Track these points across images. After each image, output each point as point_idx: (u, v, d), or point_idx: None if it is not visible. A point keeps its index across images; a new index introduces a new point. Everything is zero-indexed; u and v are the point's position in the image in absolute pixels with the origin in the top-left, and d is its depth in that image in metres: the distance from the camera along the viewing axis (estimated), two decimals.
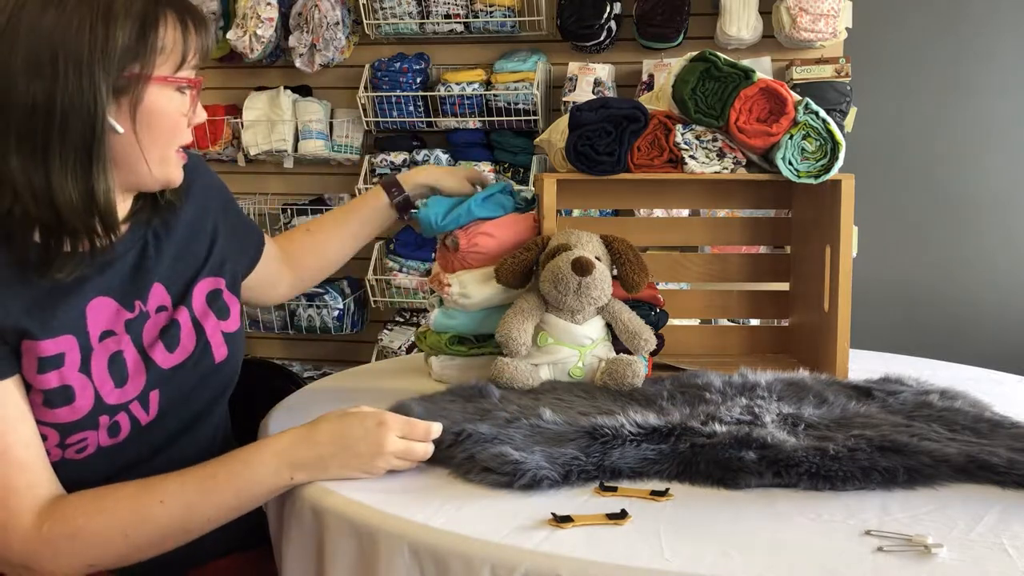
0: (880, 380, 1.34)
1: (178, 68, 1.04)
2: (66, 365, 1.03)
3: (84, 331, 1.06)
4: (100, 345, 1.07)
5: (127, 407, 1.09)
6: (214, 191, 1.27)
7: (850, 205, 1.44)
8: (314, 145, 3.21)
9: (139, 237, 1.14)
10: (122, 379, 1.08)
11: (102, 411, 1.06)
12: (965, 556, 0.79)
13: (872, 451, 0.99)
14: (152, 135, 1.04)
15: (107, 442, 1.08)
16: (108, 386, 1.07)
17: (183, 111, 1.07)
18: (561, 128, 1.51)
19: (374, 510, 0.90)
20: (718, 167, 1.45)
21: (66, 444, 1.05)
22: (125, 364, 1.09)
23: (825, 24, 2.80)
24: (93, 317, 1.07)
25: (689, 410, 1.17)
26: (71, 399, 1.04)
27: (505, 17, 3.04)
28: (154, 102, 1.03)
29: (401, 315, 3.30)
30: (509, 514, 0.88)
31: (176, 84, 1.05)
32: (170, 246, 1.16)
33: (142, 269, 1.13)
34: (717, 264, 1.72)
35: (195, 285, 1.18)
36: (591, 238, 1.37)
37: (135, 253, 1.13)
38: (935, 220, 3.44)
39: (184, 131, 1.09)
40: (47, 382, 1.02)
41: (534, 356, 1.33)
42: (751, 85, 1.42)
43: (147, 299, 1.12)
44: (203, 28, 1.07)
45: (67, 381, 1.03)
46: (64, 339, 1.04)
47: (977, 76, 3.38)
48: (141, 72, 1.01)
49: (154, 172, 1.06)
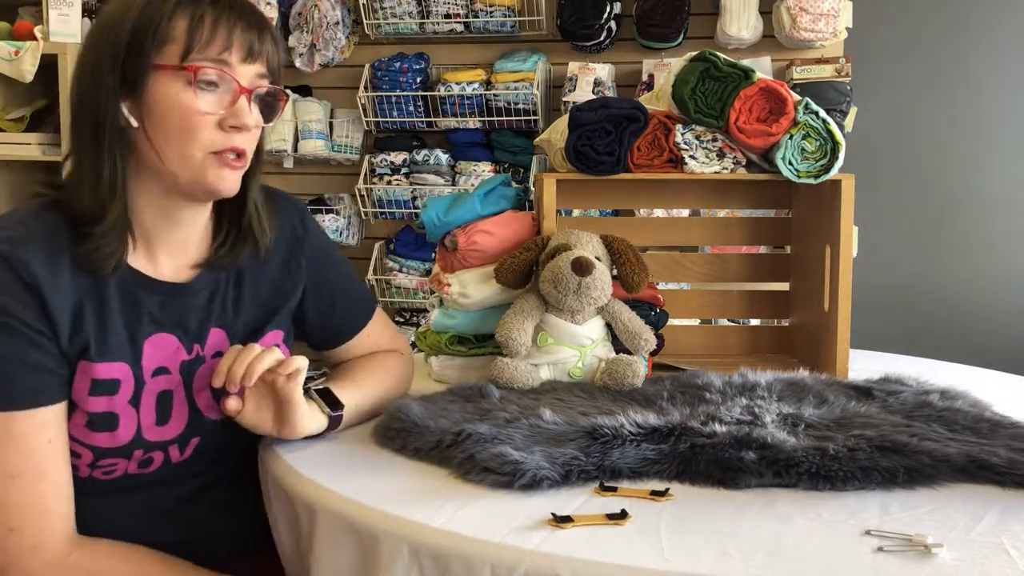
0: (880, 380, 1.34)
1: (184, 57, 1.00)
2: (119, 393, 1.03)
3: (139, 364, 1.05)
4: (152, 380, 1.06)
5: (165, 446, 1.09)
6: (310, 248, 1.21)
7: (850, 205, 1.44)
8: (314, 145, 3.21)
9: (213, 280, 1.12)
10: (165, 418, 1.08)
11: (139, 445, 1.06)
12: (965, 556, 0.79)
13: (872, 451, 0.99)
14: (164, 130, 1.01)
15: (135, 471, 1.09)
16: (150, 422, 1.07)
17: (201, 108, 1.01)
18: (561, 128, 1.51)
19: (374, 510, 0.89)
20: (718, 167, 1.45)
21: (96, 465, 1.06)
22: (171, 405, 1.08)
23: (825, 24, 2.80)
24: (150, 352, 1.06)
25: (689, 410, 1.17)
26: (114, 427, 1.04)
27: (505, 17, 3.03)
28: (158, 92, 1.00)
29: (401, 315, 3.30)
30: (509, 514, 0.88)
31: (183, 74, 1.00)
32: (243, 294, 1.14)
33: (209, 312, 1.11)
34: (717, 264, 1.72)
35: (261, 336, 1.15)
36: (591, 238, 1.37)
37: (206, 294, 1.11)
38: (935, 220, 3.44)
39: (208, 131, 1.02)
40: (96, 405, 1.02)
41: (534, 356, 1.33)
42: (751, 85, 1.42)
43: (205, 343, 1.11)
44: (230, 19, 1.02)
45: (115, 409, 1.03)
46: (118, 366, 1.03)
47: (977, 75, 3.38)
48: (143, 61, 1.00)
49: (178, 173, 1.02)
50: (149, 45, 1.00)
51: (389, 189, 3.19)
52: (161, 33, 1.00)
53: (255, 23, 1.04)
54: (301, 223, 1.21)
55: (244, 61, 1.03)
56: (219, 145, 1.03)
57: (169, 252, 1.10)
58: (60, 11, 3.08)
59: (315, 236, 1.23)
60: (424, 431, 1.07)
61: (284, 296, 1.19)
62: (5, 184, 3.26)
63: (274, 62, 1.08)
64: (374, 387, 1.22)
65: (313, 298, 1.23)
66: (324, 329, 1.26)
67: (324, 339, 1.28)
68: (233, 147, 1.03)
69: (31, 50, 3.05)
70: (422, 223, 1.47)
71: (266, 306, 1.17)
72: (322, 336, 1.27)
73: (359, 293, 1.30)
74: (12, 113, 3.24)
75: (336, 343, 1.28)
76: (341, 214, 3.25)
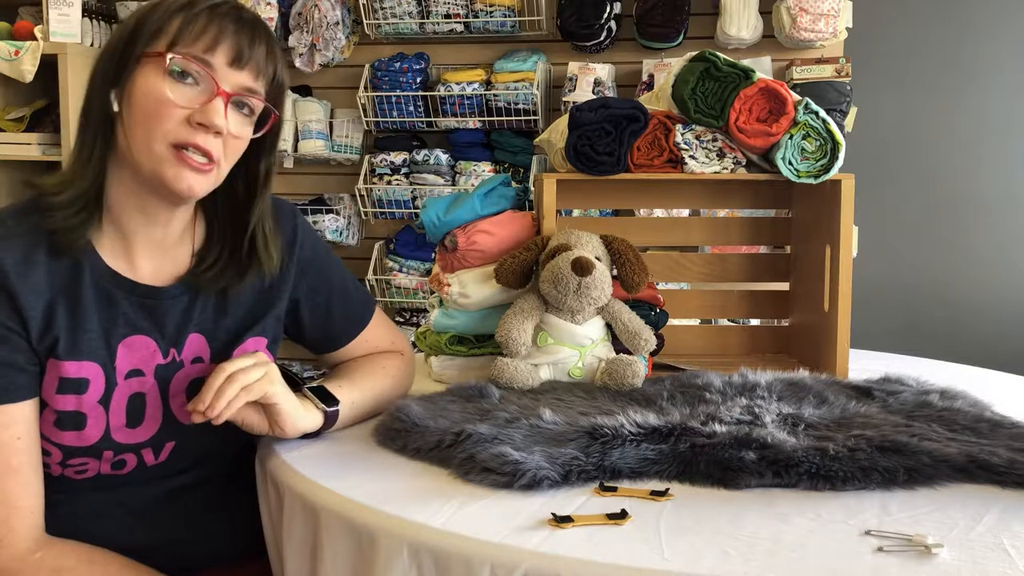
0: (880, 380, 1.34)
1: (169, 48, 1.00)
2: (88, 393, 1.03)
3: (112, 364, 1.05)
4: (124, 382, 1.06)
5: (137, 449, 1.09)
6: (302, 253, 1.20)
7: (850, 205, 1.44)
8: (314, 145, 3.21)
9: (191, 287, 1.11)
10: (136, 421, 1.07)
11: (108, 446, 1.06)
12: (965, 556, 0.79)
13: (872, 451, 0.99)
14: (134, 115, 1.01)
15: (108, 472, 1.09)
16: (120, 424, 1.06)
17: (170, 97, 0.99)
18: (561, 128, 1.51)
19: (373, 510, 0.89)
20: (718, 167, 1.45)
21: (67, 464, 1.06)
22: (144, 408, 1.08)
23: (825, 24, 2.80)
24: (124, 353, 1.06)
25: (689, 410, 1.17)
26: (81, 427, 1.03)
27: (505, 17, 3.04)
28: (139, 79, 1.01)
29: (401, 315, 3.30)
30: (509, 514, 0.87)
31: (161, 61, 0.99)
32: (227, 299, 1.13)
33: (188, 317, 1.10)
34: (717, 264, 1.72)
35: (242, 342, 1.14)
36: (591, 238, 1.37)
37: (186, 299, 1.10)
38: (935, 220, 3.44)
39: (174, 122, 1.00)
40: (63, 404, 1.02)
41: (534, 356, 1.33)
42: (751, 85, 1.42)
43: (182, 348, 1.10)
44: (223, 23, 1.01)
45: (82, 408, 1.03)
46: (88, 365, 1.03)
47: (977, 75, 3.38)
48: (136, 50, 1.01)
49: (142, 163, 1.01)
50: (144, 36, 1.01)
51: (389, 189, 3.19)
52: (156, 26, 1.01)
53: (252, 32, 1.03)
54: (292, 230, 1.19)
55: (230, 65, 1.02)
56: (182, 138, 1.00)
57: (147, 253, 1.08)
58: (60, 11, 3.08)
59: (308, 241, 1.21)
60: (424, 431, 1.07)
61: (271, 301, 1.17)
62: (5, 184, 3.26)
63: (268, 76, 1.05)
64: (371, 386, 1.21)
65: (309, 304, 1.21)
66: (323, 334, 1.25)
67: (323, 344, 1.27)
68: (195, 142, 1.00)
69: (31, 50, 3.05)
70: (422, 223, 1.47)
71: (251, 312, 1.15)
72: (321, 341, 1.26)
73: (356, 296, 1.28)
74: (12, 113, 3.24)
75: (335, 347, 1.27)
76: (341, 214, 3.25)
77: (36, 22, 3.19)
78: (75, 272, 1.03)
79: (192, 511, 1.15)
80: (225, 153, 1.03)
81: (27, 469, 0.99)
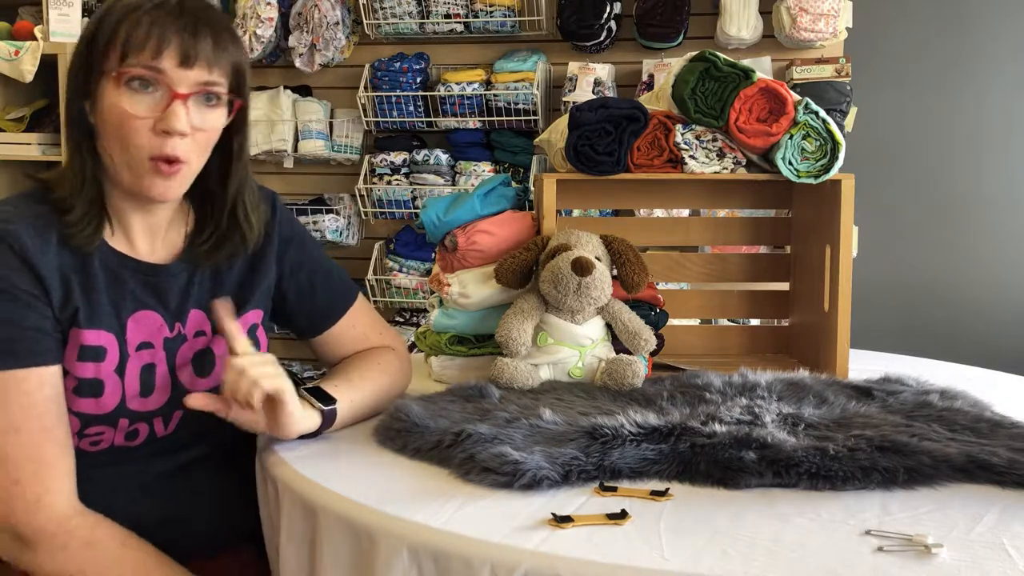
0: (880, 380, 1.34)
1: (121, 62, 1.01)
2: (105, 361, 1.07)
3: (123, 337, 1.09)
4: (136, 353, 1.10)
5: (149, 418, 1.12)
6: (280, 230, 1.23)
7: (850, 205, 1.44)
8: (314, 145, 3.21)
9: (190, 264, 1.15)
10: (149, 390, 1.11)
11: (124, 414, 1.09)
12: (965, 556, 0.79)
13: (872, 451, 0.99)
14: (107, 134, 1.04)
15: (122, 443, 1.12)
16: (134, 392, 1.10)
17: (131, 111, 1.01)
18: (561, 128, 1.51)
19: (373, 510, 0.89)
20: (718, 167, 1.45)
21: (84, 434, 1.08)
22: (155, 377, 1.11)
23: (825, 24, 2.80)
24: (134, 327, 1.10)
25: (689, 410, 1.17)
26: (99, 393, 1.07)
27: (505, 17, 3.03)
28: (103, 97, 1.03)
29: (401, 315, 3.30)
30: (509, 514, 0.87)
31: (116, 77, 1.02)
32: (220, 277, 1.17)
33: (188, 293, 1.15)
34: (717, 264, 1.72)
35: (240, 317, 1.17)
36: (591, 238, 1.37)
37: (185, 276, 1.15)
38: (935, 220, 3.44)
39: (144, 136, 1.02)
40: (83, 371, 1.06)
41: (534, 356, 1.33)
42: (751, 85, 1.42)
43: (186, 323, 1.14)
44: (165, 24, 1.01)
45: (100, 376, 1.07)
46: (105, 335, 1.07)
47: (977, 75, 3.38)
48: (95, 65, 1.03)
49: (123, 177, 1.06)
50: (99, 50, 1.03)
51: (389, 189, 3.18)
52: (106, 38, 1.03)
53: (195, 27, 1.03)
54: (270, 208, 1.22)
55: (180, 66, 1.02)
56: (156, 150, 1.03)
57: (144, 236, 1.13)
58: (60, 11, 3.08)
59: (285, 219, 1.25)
60: (424, 431, 1.08)
61: (261, 275, 1.21)
62: (5, 184, 3.26)
63: (222, 65, 1.06)
64: (369, 385, 1.21)
65: (292, 282, 1.24)
66: (308, 312, 1.27)
67: (309, 324, 1.28)
68: (163, 154, 1.03)
69: (31, 50, 3.05)
70: (422, 223, 1.47)
71: (243, 286, 1.19)
72: (307, 321, 1.28)
73: (339, 274, 1.31)
74: (12, 113, 3.24)
75: (322, 327, 1.28)
76: (341, 214, 3.25)
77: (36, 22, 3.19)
78: (85, 256, 1.07)
79: (196, 487, 1.18)
80: (195, 149, 1.06)
81: (60, 431, 1.03)
